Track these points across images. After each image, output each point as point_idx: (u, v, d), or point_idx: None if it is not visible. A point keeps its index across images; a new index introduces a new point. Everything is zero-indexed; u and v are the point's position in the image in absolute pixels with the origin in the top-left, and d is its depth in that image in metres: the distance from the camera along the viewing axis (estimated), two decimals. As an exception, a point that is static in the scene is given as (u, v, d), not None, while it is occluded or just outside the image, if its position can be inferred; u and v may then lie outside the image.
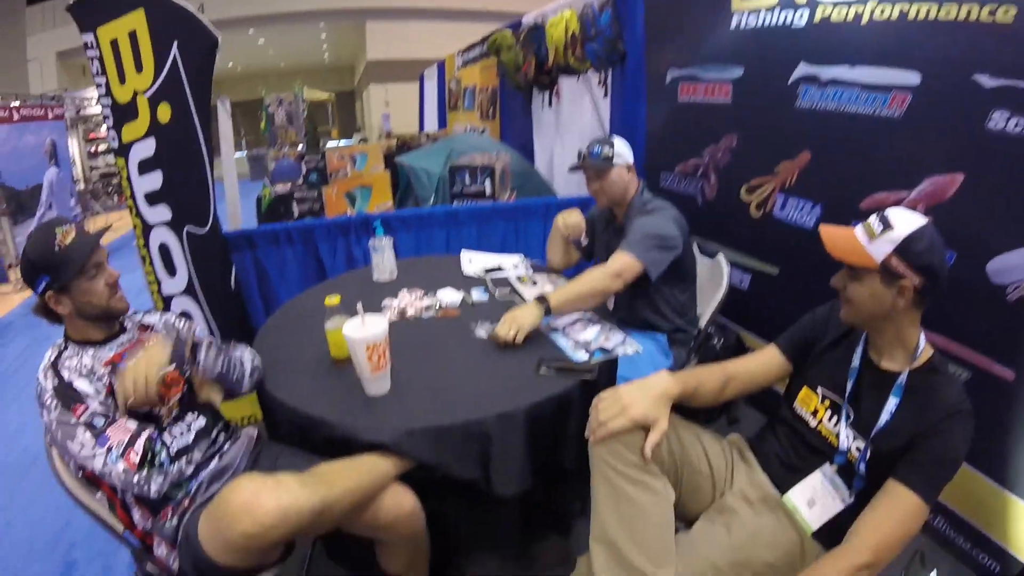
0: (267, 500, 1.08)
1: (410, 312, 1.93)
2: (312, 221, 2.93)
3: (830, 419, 1.31)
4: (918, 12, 1.74)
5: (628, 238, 1.92)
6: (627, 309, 2.17)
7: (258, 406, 1.58)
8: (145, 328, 1.54)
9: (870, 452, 1.21)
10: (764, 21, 2.31)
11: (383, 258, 2.29)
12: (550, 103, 4.34)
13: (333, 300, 1.60)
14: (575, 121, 4.07)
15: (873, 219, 1.20)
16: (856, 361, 1.30)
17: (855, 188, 2.02)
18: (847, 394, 1.28)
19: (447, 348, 1.69)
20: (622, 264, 1.84)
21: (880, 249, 1.17)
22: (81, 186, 9.46)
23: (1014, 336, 1.62)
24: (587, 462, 1.29)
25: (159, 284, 2.57)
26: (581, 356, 1.58)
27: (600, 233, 2.30)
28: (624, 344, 1.64)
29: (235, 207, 3.05)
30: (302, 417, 1.37)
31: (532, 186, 3.91)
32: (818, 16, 2.05)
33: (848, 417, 1.27)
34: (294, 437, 1.43)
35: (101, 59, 2.35)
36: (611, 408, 1.23)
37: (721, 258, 2.27)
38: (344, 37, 17.05)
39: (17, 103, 6.39)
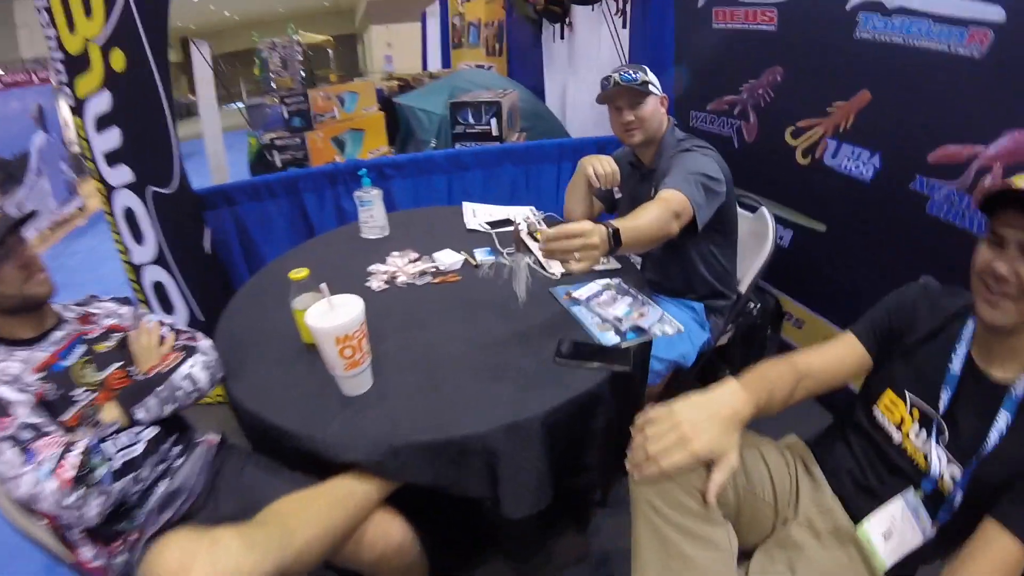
0: (200, 570, 0.83)
1: (401, 279, 1.64)
2: (296, 172, 2.61)
3: (918, 434, 1.05)
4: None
5: (672, 175, 1.55)
6: (657, 270, 1.87)
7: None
8: (87, 319, 1.28)
9: (969, 481, 0.95)
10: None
11: (372, 212, 1.99)
12: (562, 35, 4.00)
13: (298, 273, 1.29)
14: (590, 54, 3.74)
15: None
16: (957, 366, 1.02)
17: (921, 137, 1.76)
18: (943, 406, 1.01)
19: (444, 326, 1.41)
20: (679, 203, 1.43)
21: None
22: (76, 148, 9.12)
23: None
24: (612, 456, 1.02)
25: (128, 253, 2.30)
26: (610, 338, 1.30)
27: (624, 179, 1.97)
28: (662, 322, 1.35)
29: (219, 159, 2.74)
30: (264, 424, 1.11)
31: (544, 127, 3.61)
32: (886, -68, 1.73)
33: (941, 434, 1.01)
34: (262, 444, 1.17)
35: (49, 8, 2.04)
36: (666, 437, 0.91)
37: (765, 212, 1.96)
38: None
39: (1, 71, 6.07)
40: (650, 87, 1.72)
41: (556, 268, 1.62)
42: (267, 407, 1.13)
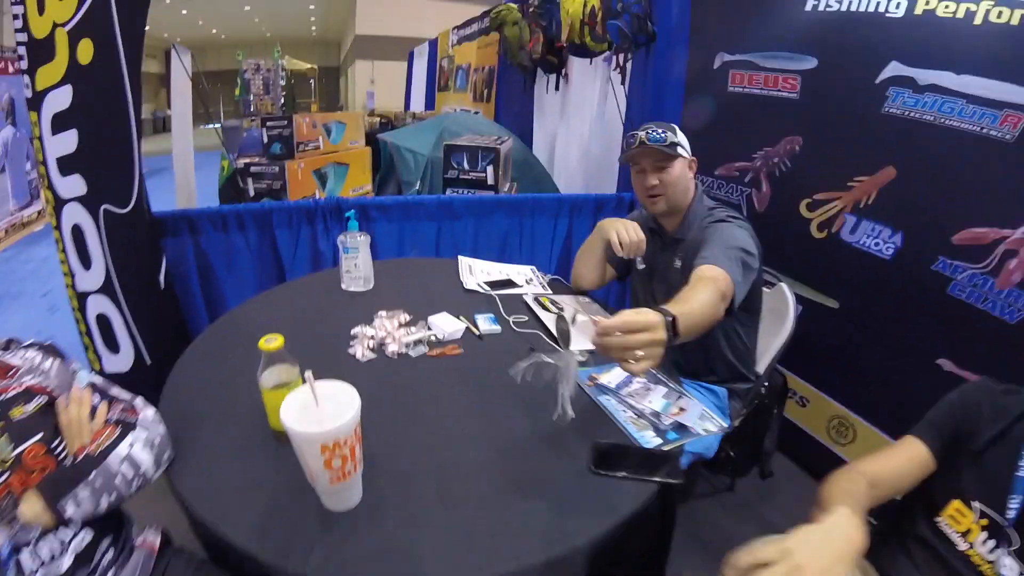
0: None
1: (391, 347, 1.40)
2: (271, 204, 2.37)
3: (985, 542, 0.99)
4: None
5: (710, 247, 1.39)
6: (675, 348, 1.69)
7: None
8: (3, 372, 1.00)
9: None
10: (850, 5, 1.93)
11: (357, 261, 1.76)
12: (556, 86, 3.93)
13: (271, 343, 1.01)
14: (584, 108, 3.68)
15: None
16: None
17: (946, 218, 1.72)
18: (1012, 514, 0.97)
19: (451, 417, 1.16)
20: (726, 283, 1.28)
21: None
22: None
23: None
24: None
25: (72, 277, 2.00)
26: (650, 438, 1.09)
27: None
28: (703, 418, 1.15)
29: (187, 179, 2.48)
30: (220, 540, 0.84)
31: (532, 177, 3.49)
32: (919, 7, 1.72)
33: (1011, 544, 0.96)
34: (219, 555, 0.91)
35: (19, -22, 1.81)
36: None
37: (784, 288, 1.82)
38: (334, 9, 16.36)
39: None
40: (679, 149, 1.57)
41: (580, 344, 1.41)
42: (224, 516, 0.86)
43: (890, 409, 1.98)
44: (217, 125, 5.08)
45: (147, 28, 1.97)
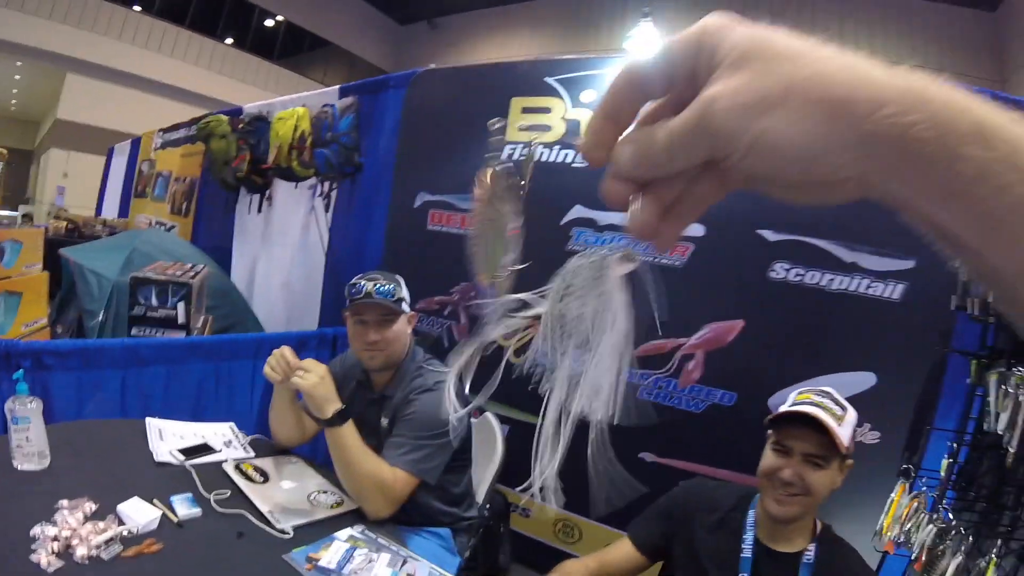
0: None
1: (80, 551, 1.05)
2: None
3: None
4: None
5: (397, 440, 1.46)
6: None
7: None
8: None
9: None
10: (542, 155, 2.24)
11: (28, 434, 1.33)
12: (260, 208, 3.74)
13: None
14: (288, 233, 3.57)
15: (828, 401, 1.13)
16: (748, 551, 1.17)
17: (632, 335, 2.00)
18: None
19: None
20: (402, 486, 1.42)
21: (845, 432, 1.09)
22: None
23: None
24: None
25: None
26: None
27: (347, 398, 1.70)
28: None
29: None
30: None
31: (230, 309, 3.15)
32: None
33: None
34: None
35: None
36: None
37: (489, 417, 1.94)
38: (39, 84, 13.49)
39: None
40: (403, 304, 1.58)
41: (287, 523, 1.24)
42: None
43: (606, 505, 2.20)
44: None
45: None
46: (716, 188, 0.31)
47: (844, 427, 1.10)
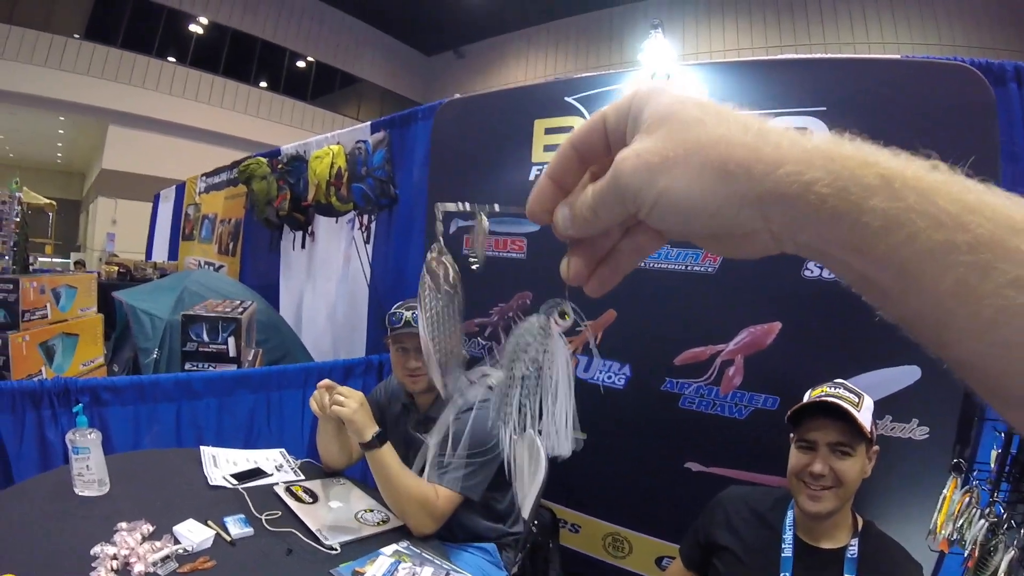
0: None
1: (138, 568, 1.14)
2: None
3: None
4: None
5: (441, 459, 1.51)
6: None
7: None
8: None
9: None
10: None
11: (89, 463, 1.44)
12: (303, 244, 3.89)
13: None
14: (331, 266, 3.70)
15: (843, 390, 1.16)
16: (788, 551, 1.18)
17: (667, 345, 2.02)
18: None
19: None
20: (444, 503, 1.47)
21: (866, 417, 1.11)
22: None
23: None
24: None
25: None
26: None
27: (393, 421, 1.78)
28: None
29: None
30: None
31: (279, 341, 3.29)
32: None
33: None
34: None
35: None
36: None
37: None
38: (83, 137, 14.43)
39: None
40: None
41: (335, 540, 1.29)
42: None
43: (655, 516, 2.16)
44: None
45: None
46: (653, 240, 0.34)
47: (863, 412, 1.12)
